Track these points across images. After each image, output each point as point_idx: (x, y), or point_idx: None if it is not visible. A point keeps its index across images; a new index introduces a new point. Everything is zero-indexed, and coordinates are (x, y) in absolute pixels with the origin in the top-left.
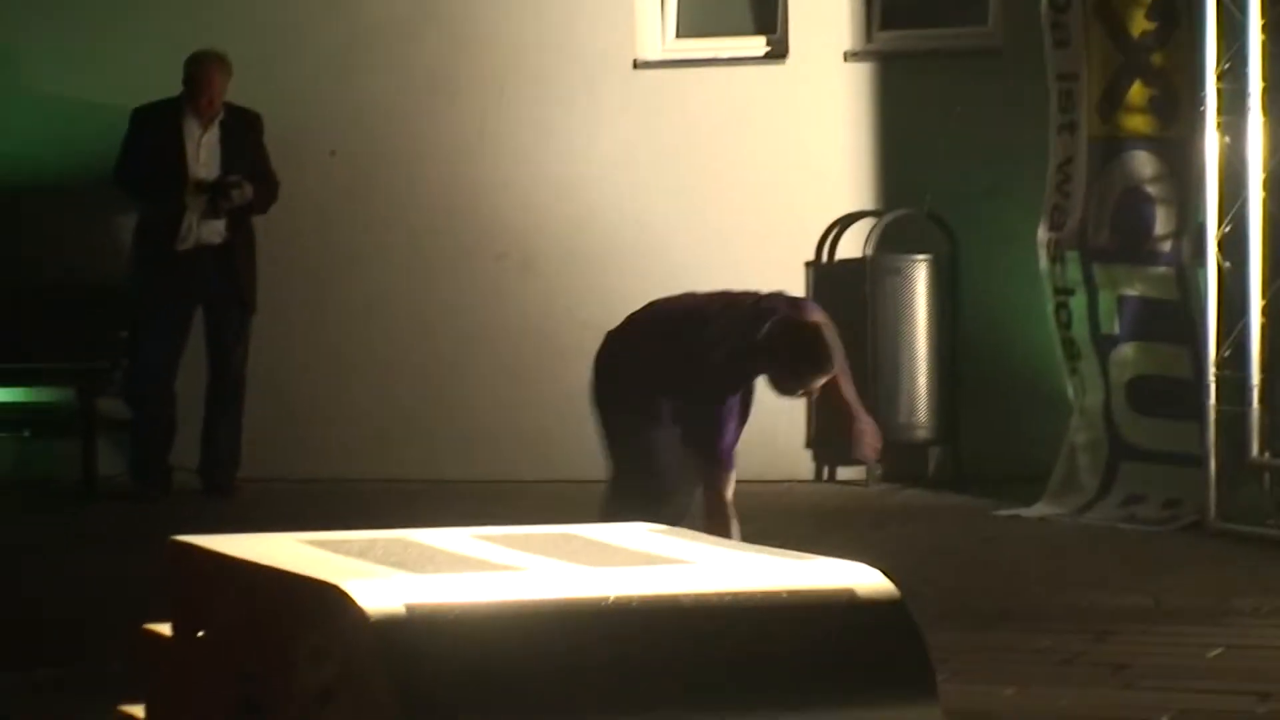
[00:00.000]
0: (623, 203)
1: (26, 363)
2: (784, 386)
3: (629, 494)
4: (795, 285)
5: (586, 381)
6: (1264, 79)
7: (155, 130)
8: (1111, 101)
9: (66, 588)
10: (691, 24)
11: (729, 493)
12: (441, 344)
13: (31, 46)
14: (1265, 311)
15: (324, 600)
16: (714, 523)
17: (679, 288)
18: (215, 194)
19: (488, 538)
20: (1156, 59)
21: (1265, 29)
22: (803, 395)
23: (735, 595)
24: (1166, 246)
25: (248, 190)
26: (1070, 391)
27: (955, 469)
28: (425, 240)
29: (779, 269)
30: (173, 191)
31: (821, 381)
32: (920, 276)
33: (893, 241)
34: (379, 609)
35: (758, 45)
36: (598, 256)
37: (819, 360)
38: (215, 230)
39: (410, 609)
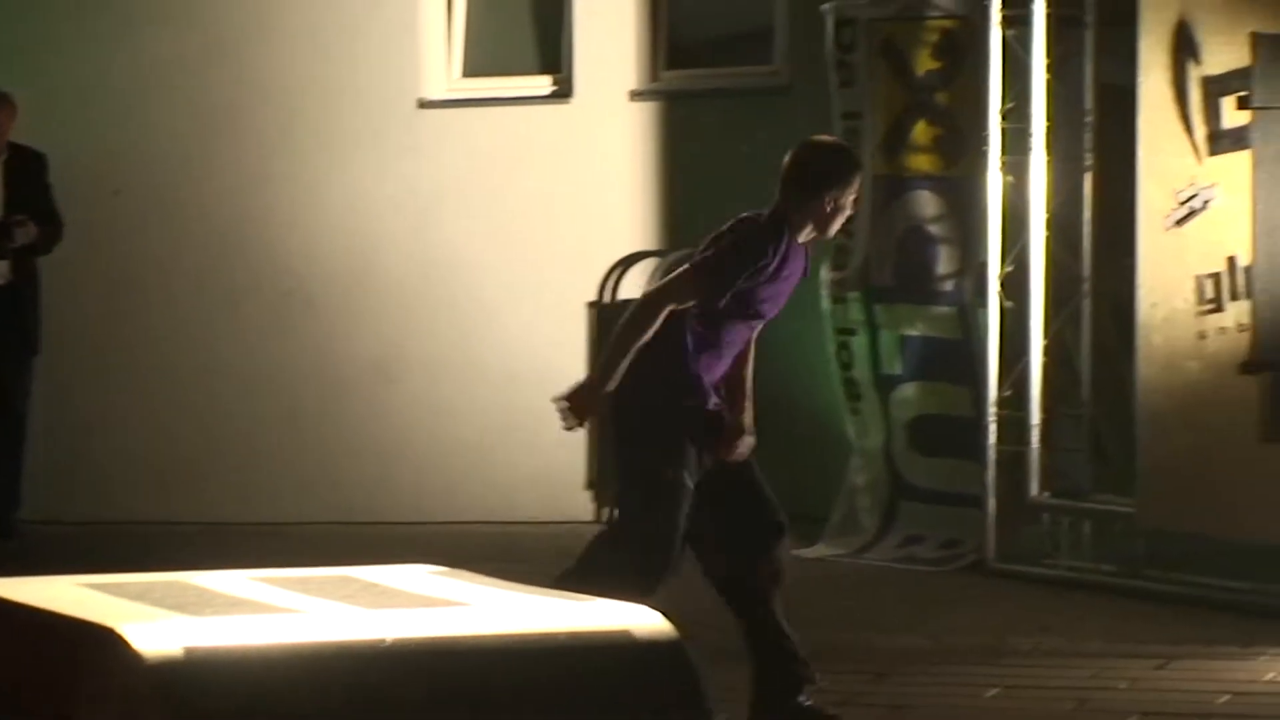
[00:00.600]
0: (407, 241)
1: None
2: (834, 207)
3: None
4: (578, 325)
5: (363, 421)
6: (1048, 118)
7: None
8: (896, 140)
9: None
10: (477, 63)
11: None
12: (223, 384)
13: None
14: (1046, 351)
15: (101, 644)
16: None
17: (463, 326)
18: None
19: (266, 580)
20: (941, 98)
21: (1049, 69)
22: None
23: (513, 637)
24: (949, 286)
25: (32, 230)
26: (851, 432)
27: None
28: (209, 279)
29: (562, 308)
30: None
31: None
32: None
33: None
34: (156, 652)
35: (543, 84)
36: (381, 295)
37: (845, 155)
38: None
39: (188, 652)
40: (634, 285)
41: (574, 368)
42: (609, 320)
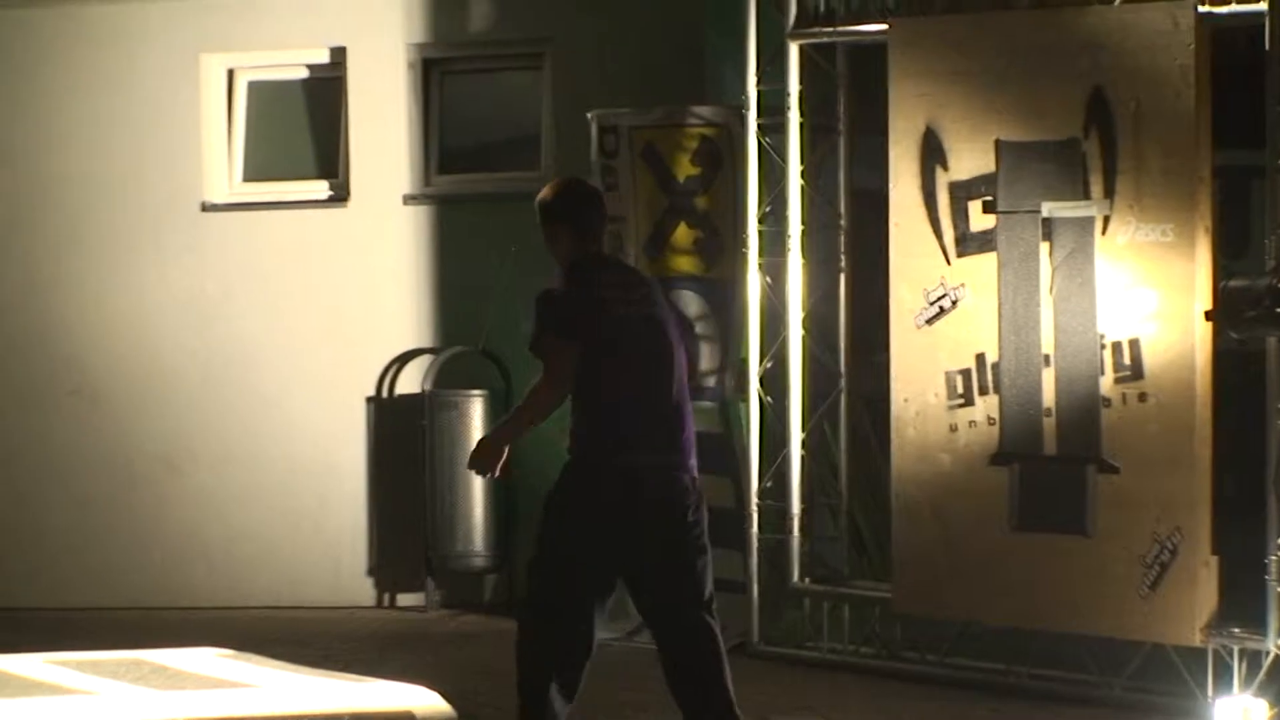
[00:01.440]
0: (192, 338)
1: None
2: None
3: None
4: (357, 420)
5: (153, 511)
6: (803, 222)
7: None
8: (658, 242)
9: None
10: (258, 169)
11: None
12: (16, 475)
13: None
14: (805, 444)
15: None
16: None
17: (246, 422)
18: None
19: (61, 663)
20: (701, 202)
21: (804, 174)
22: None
23: (299, 717)
24: (711, 381)
25: None
26: None
27: (510, 595)
28: (1, 375)
29: (342, 402)
30: None
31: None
32: (476, 410)
33: (450, 377)
34: None
35: (321, 189)
36: (166, 391)
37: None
38: None
39: None
40: (410, 380)
41: (354, 458)
42: (385, 413)
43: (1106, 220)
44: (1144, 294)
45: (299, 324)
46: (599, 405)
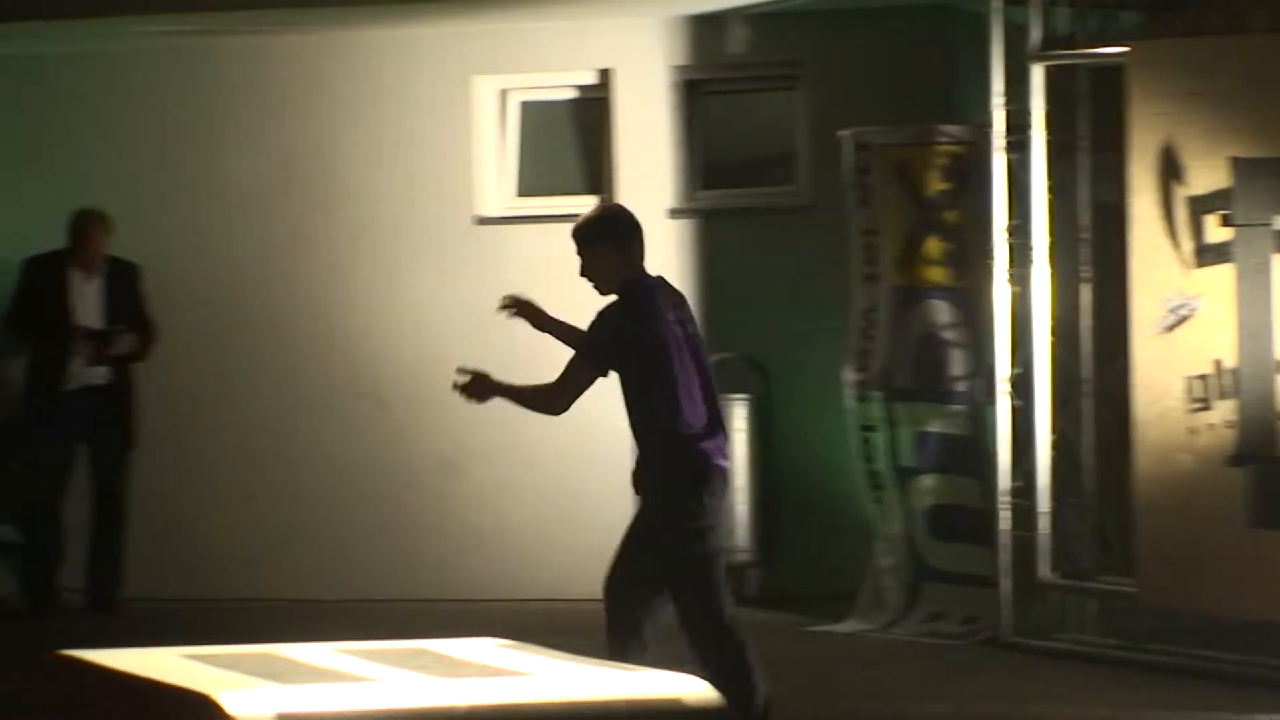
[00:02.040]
0: (467, 345)
1: None
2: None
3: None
4: (620, 417)
5: (433, 508)
6: (1049, 235)
7: (43, 280)
8: (909, 255)
9: None
10: (529, 184)
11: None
12: (304, 475)
13: None
14: (1053, 446)
15: (197, 709)
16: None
17: (519, 423)
18: (100, 343)
19: (348, 652)
20: (950, 216)
21: (1049, 190)
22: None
23: (574, 704)
24: (962, 387)
25: (129, 340)
26: (873, 519)
27: (772, 589)
28: (289, 381)
29: (610, 404)
30: (59, 338)
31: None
32: (739, 414)
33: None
34: (249, 716)
35: (589, 204)
36: (445, 394)
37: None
38: (98, 372)
39: (280, 717)
40: None
41: (620, 453)
42: None
43: None
44: None
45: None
46: (680, 419)
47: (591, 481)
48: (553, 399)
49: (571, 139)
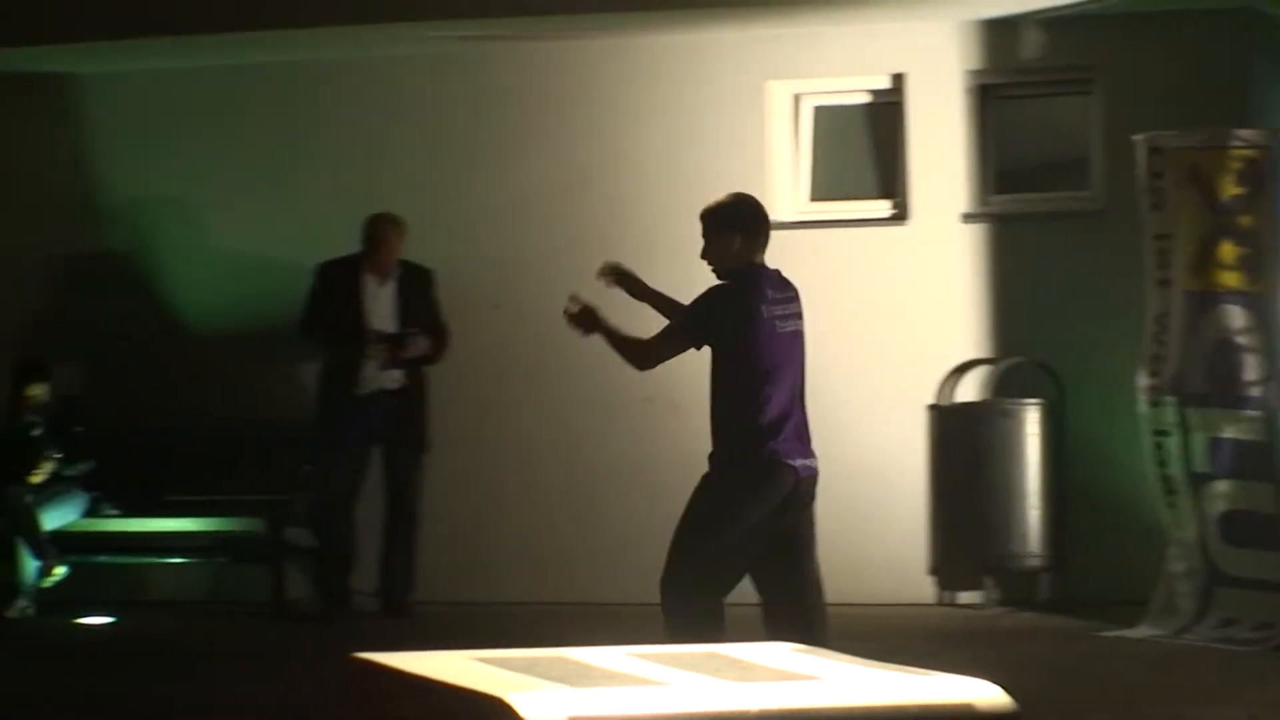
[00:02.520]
0: None
1: (221, 495)
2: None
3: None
4: (918, 426)
5: None
6: None
7: (337, 284)
8: (1203, 259)
9: (259, 696)
10: (823, 189)
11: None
12: (594, 478)
13: (218, 204)
14: None
15: (490, 712)
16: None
17: (813, 427)
18: (394, 346)
19: (639, 655)
20: (1244, 221)
21: None
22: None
23: (866, 709)
24: (1256, 392)
25: (423, 344)
26: (1167, 524)
27: (1064, 593)
28: (579, 385)
29: (903, 411)
30: (353, 342)
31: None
32: (1031, 419)
33: (1007, 386)
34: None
35: (882, 208)
36: None
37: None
38: (392, 376)
39: None
40: (969, 389)
41: (915, 462)
42: (945, 420)
43: None
44: None
45: (862, 335)
46: (755, 411)
47: (884, 494)
48: (643, 355)
49: (864, 143)
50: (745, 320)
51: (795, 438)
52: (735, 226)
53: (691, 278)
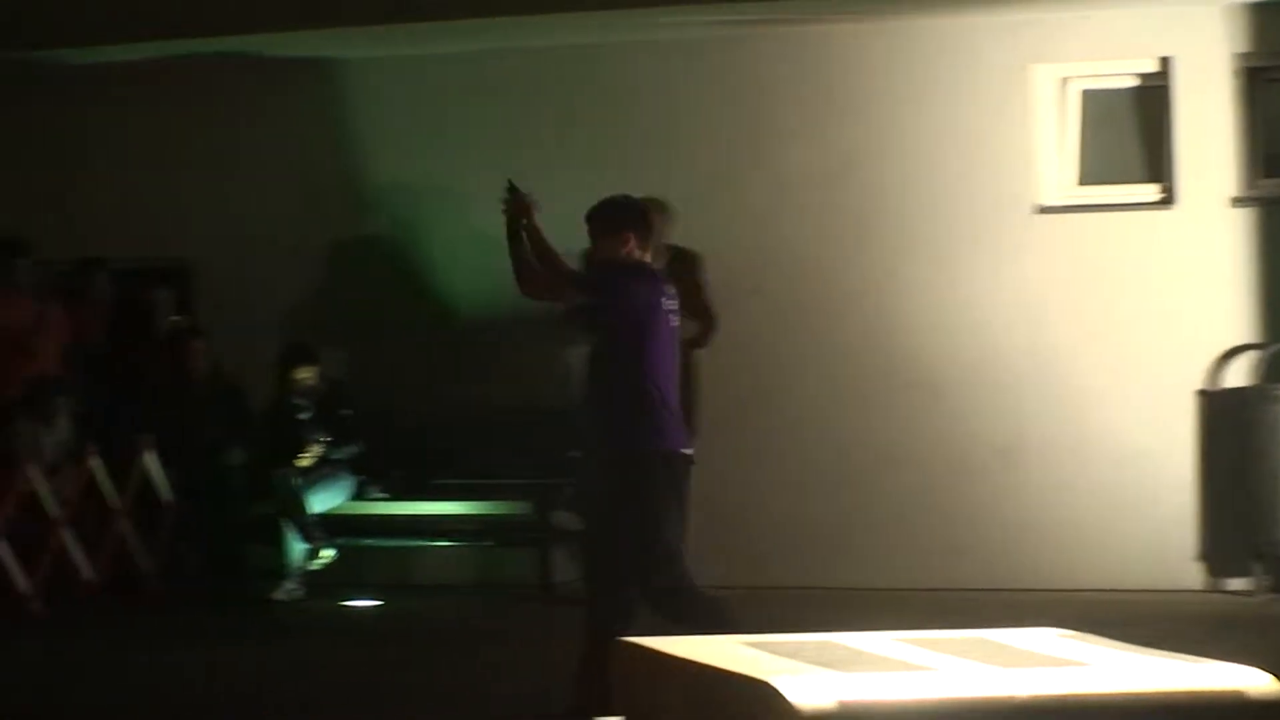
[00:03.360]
0: (1024, 336)
1: (489, 479)
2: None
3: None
4: (1185, 412)
5: (988, 498)
6: None
7: None
8: None
9: (529, 673)
10: (1089, 173)
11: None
12: (857, 463)
13: (479, 188)
14: None
15: (759, 696)
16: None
17: (1076, 414)
18: None
19: (906, 640)
20: None
21: None
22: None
23: (1134, 695)
24: None
25: (691, 328)
26: None
27: None
28: (841, 370)
29: (1170, 395)
30: None
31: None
32: None
33: (1276, 372)
34: (810, 705)
35: (1150, 192)
36: (999, 385)
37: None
38: None
39: (841, 705)
40: (1239, 374)
41: (1182, 448)
42: (1213, 405)
43: None
44: None
45: (1128, 320)
46: (657, 398)
47: (1150, 480)
48: (539, 280)
49: (1131, 127)
50: (649, 309)
51: (684, 426)
52: (628, 227)
53: (956, 264)
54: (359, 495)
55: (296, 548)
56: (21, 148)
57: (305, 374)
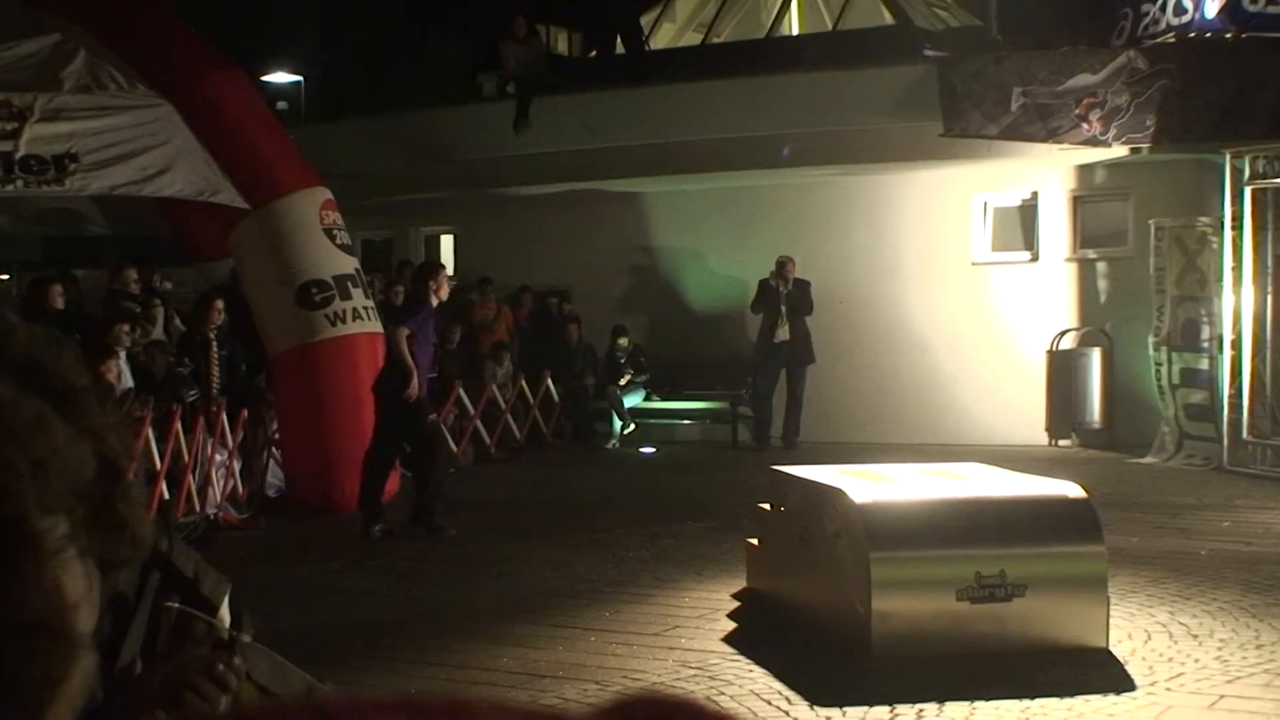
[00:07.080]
0: (962, 324)
1: (708, 389)
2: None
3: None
4: (1040, 362)
5: (948, 403)
6: None
7: (766, 288)
8: None
9: (730, 481)
10: (998, 245)
11: None
12: (884, 385)
13: (712, 254)
14: None
15: (835, 495)
16: None
17: (991, 361)
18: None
19: (923, 471)
20: None
21: None
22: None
23: (1019, 496)
24: None
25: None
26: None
27: None
28: (873, 338)
29: (1033, 355)
30: (766, 315)
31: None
32: None
33: (1085, 341)
34: (863, 500)
35: (1026, 256)
36: (950, 345)
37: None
38: (785, 331)
39: (875, 501)
40: (1067, 343)
41: (1039, 379)
42: (1056, 360)
43: None
44: None
45: (1016, 316)
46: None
47: (1025, 390)
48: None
49: (1017, 223)
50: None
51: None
52: (430, 277)
53: (931, 291)
54: (647, 398)
55: (617, 424)
56: (494, 236)
57: (622, 340)
